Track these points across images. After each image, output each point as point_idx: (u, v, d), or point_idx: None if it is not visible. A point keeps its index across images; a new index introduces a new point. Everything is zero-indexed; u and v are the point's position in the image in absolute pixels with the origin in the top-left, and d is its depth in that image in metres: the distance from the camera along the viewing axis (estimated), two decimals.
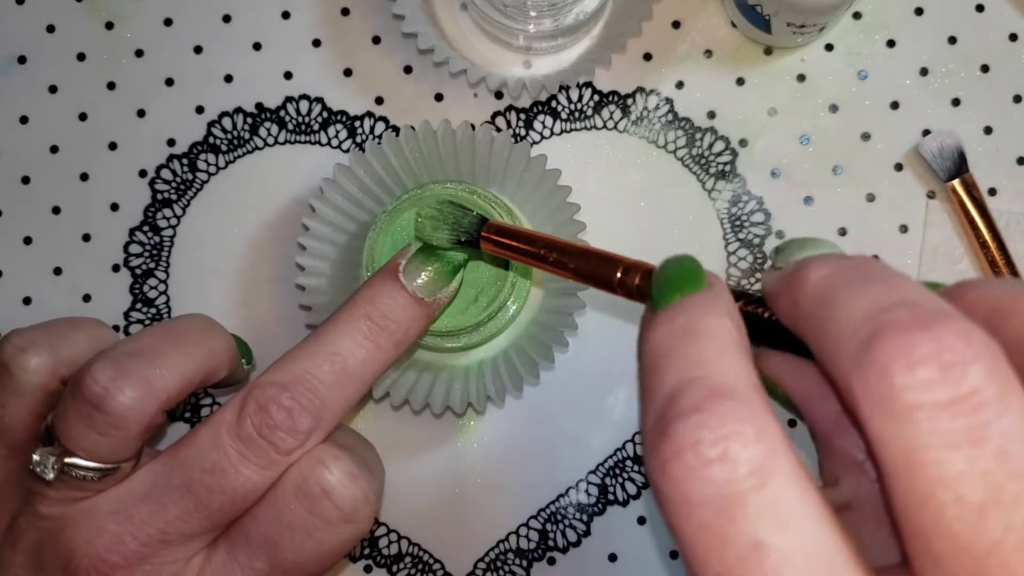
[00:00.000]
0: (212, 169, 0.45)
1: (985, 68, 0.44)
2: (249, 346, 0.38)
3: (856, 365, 0.20)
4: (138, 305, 0.44)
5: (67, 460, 0.31)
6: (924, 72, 0.44)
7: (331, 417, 0.32)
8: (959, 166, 0.43)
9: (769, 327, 0.25)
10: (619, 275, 0.29)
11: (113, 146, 0.45)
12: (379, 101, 0.45)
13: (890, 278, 0.21)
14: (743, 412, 0.20)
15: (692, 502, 0.19)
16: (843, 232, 0.44)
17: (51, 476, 0.31)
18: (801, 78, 0.44)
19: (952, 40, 0.44)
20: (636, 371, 0.23)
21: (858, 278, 0.21)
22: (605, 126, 0.44)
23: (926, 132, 0.44)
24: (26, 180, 0.45)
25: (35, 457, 0.31)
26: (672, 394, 0.21)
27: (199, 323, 0.35)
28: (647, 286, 0.28)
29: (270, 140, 0.45)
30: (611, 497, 0.43)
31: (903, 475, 0.19)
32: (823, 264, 0.23)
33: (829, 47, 0.44)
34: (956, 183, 0.42)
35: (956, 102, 0.44)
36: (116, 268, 0.45)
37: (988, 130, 0.44)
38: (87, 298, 0.44)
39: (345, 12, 0.45)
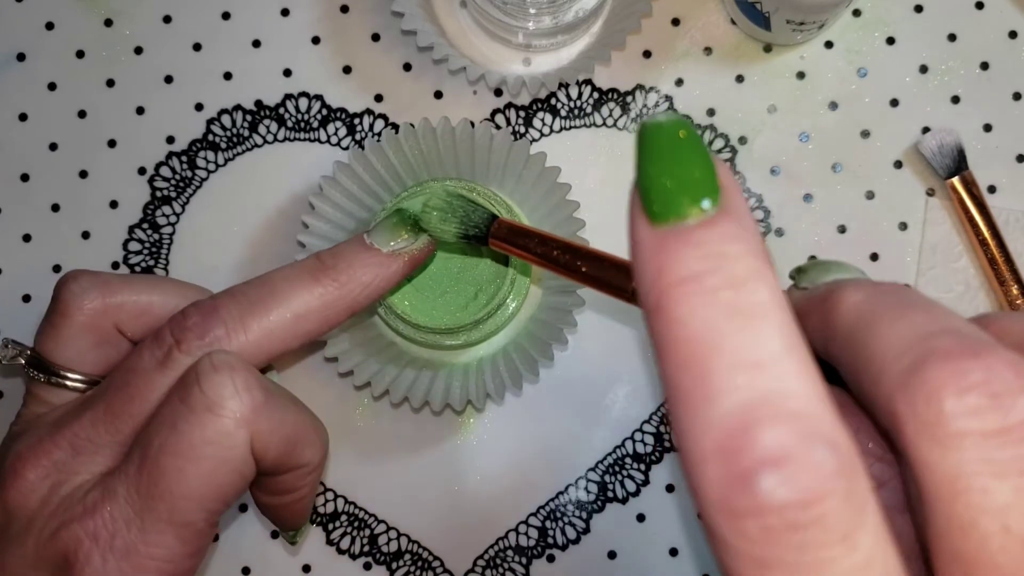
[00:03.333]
0: (211, 167, 0.45)
1: (985, 65, 0.44)
2: None
3: (903, 388, 0.19)
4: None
5: (18, 344, 0.33)
6: (924, 70, 0.44)
7: (247, 336, 0.31)
8: (959, 164, 0.43)
9: None
10: (634, 283, 0.29)
11: (112, 143, 0.45)
12: (378, 98, 0.45)
13: (930, 306, 0.21)
14: (835, 461, 0.17)
15: (769, 564, 0.17)
16: (842, 230, 0.44)
17: (5, 358, 0.33)
18: (801, 75, 0.44)
19: (952, 37, 0.44)
20: (654, 354, 0.19)
21: (899, 304, 0.21)
22: (604, 123, 0.44)
23: (926, 130, 0.44)
24: (25, 177, 0.45)
25: (1, 339, 0.33)
26: (740, 422, 0.17)
27: (189, 283, 0.36)
28: None
29: (269, 137, 0.45)
30: (610, 494, 0.43)
31: (947, 502, 0.18)
32: (859, 288, 0.22)
33: (829, 44, 0.44)
34: (956, 181, 0.42)
35: (956, 100, 0.44)
36: (115, 265, 0.45)
37: (988, 128, 0.44)
38: None
39: (344, 9, 0.45)
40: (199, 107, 0.45)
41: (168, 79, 0.45)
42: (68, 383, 0.33)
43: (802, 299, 0.24)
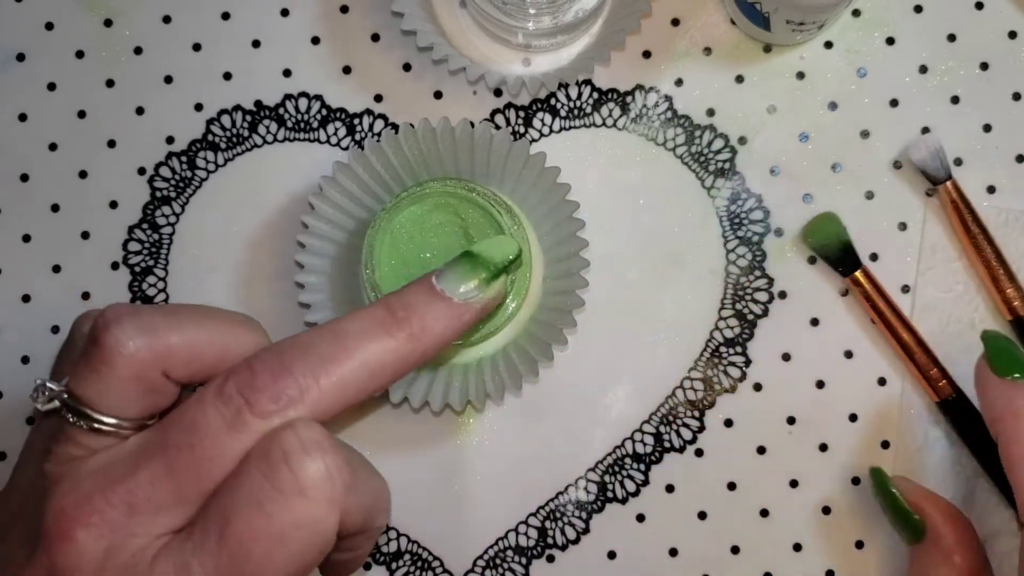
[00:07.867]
0: (211, 167, 0.45)
1: (984, 66, 0.44)
2: None
3: None
4: (137, 303, 0.44)
5: (54, 388, 0.30)
6: (923, 70, 0.44)
7: (320, 394, 0.30)
8: (947, 170, 0.42)
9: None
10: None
11: (112, 144, 0.45)
12: (378, 99, 0.45)
13: None
14: None
15: None
16: None
17: (40, 403, 0.30)
18: (800, 76, 0.44)
19: (951, 38, 0.44)
20: (1005, 461, 0.34)
21: None
22: (604, 124, 0.44)
23: (925, 129, 0.44)
24: (25, 178, 0.45)
25: (36, 381, 0.30)
26: None
27: (236, 313, 0.33)
28: None
29: (269, 138, 0.45)
30: (610, 495, 0.43)
31: None
32: None
33: (828, 44, 0.44)
34: (948, 186, 0.42)
35: (955, 100, 0.44)
36: (115, 266, 0.45)
37: (987, 128, 0.44)
38: (86, 296, 0.44)
39: (344, 9, 0.45)
40: (199, 107, 0.45)
41: (168, 79, 0.45)
42: (110, 430, 0.30)
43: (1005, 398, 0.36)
